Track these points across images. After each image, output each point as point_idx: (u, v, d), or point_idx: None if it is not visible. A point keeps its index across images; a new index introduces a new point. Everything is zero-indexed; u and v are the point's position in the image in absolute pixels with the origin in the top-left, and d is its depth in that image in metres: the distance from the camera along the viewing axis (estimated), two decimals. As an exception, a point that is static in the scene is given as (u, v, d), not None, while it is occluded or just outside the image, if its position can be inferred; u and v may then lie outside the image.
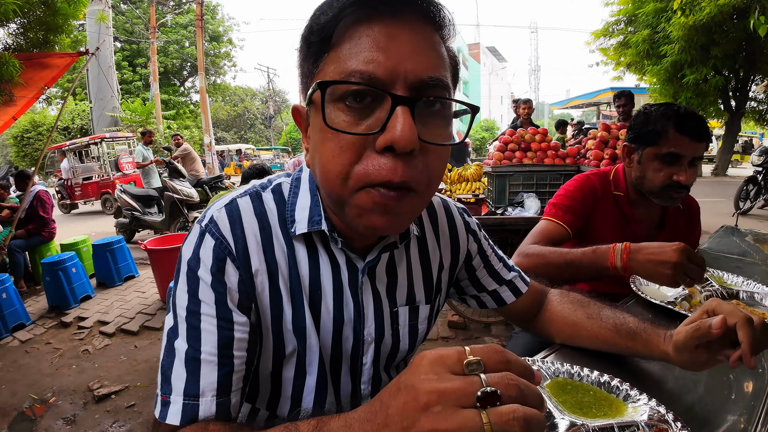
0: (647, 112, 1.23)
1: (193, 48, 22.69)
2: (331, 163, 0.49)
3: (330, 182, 0.51)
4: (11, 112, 3.47)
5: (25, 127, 16.23)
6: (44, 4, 3.41)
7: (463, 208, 0.83)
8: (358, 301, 0.64)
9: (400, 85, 0.46)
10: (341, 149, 0.48)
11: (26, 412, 2.28)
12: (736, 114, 11.92)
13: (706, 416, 0.64)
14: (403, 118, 0.45)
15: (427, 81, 0.47)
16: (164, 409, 0.53)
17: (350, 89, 0.47)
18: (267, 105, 30.39)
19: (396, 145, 0.45)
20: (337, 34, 0.48)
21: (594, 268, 1.07)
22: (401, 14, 0.47)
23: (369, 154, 0.48)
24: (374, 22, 0.47)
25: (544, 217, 1.34)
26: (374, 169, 0.47)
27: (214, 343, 0.54)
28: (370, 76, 0.46)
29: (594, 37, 13.38)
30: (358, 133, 0.47)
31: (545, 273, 1.08)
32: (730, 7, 8.82)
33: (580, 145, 3.36)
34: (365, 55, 0.46)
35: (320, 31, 0.49)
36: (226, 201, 0.61)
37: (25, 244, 4.21)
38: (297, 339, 0.62)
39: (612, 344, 0.75)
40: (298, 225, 0.60)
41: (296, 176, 0.66)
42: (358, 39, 0.47)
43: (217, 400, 0.53)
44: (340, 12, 0.47)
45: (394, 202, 0.48)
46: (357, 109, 0.47)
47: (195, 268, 0.56)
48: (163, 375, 0.54)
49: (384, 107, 0.47)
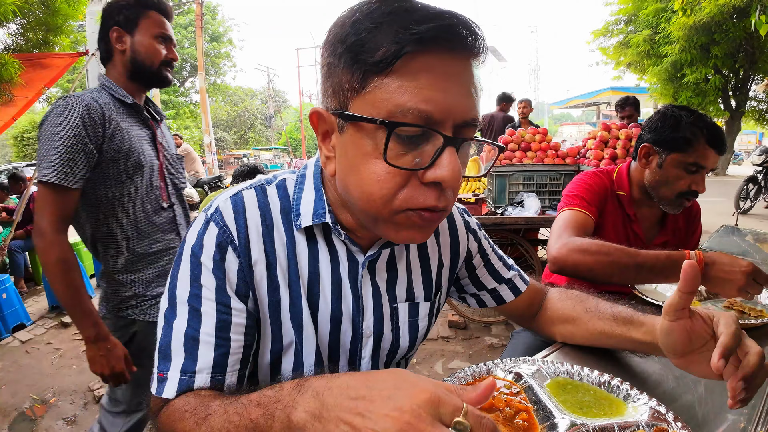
0: (676, 116, 1.21)
1: (193, 48, 22.69)
2: (376, 187, 0.51)
3: (371, 203, 0.53)
4: (11, 112, 3.46)
5: (25, 127, 16.23)
6: (44, 5, 3.41)
7: (462, 208, 0.84)
8: (358, 294, 0.65)
9: (449, 125, 0.49)
10: (389, 176, 0.50)
11: (27, 412, 2.29)
12: (737, 113, 11.92)
13: (706, 416, 0.64)
14: (451, 158, 0.49)
15: (469, 122, 0.51)
16: (161, 385, 0.56)
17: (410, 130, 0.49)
18: (267, 105, 30.41)
19: (445, 183, 0.50)
20: (396, 64, 0.47)
21: (665, 275, 1.03)
22: (455, 49, 0.48)
23: (415, 183, 0.51)
24: (433, 56, 0.47)
25: (568, 207, 1.28)
26: (421, 198, 0.51)
27: (212, 325, 0.57)
28: (428, 116, 0.47)
29: (594, 36, 13.39)
30: (411, 168, 0.50)
31: (607, 273, 1.04)
32: (730, 6, 8.83)
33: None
34: (424, 94, 0.47)
35: (375, 52, 0.47)
36: (232, 192, 0.64)
37: (24, 245, 4.21)
38: (294, 330, 0.63)
39: (610, 334, 0.75)
40: (303, 218, 0.62)
41: (301, 173, 0.67)
42: (416, 74, 0.47)
43: (212, 377, 0.57)
44: (403, 44, 0.46)
45: (435, 220, 0.55)
46: (407, 142, 0.49)
47: (198, 254, 0.58)
48: (162, 353, 0.58)
49: (433, 143, 0.50)
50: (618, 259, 1.04)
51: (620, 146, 3.05)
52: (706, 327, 0.59)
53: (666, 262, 1.01)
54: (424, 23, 0.46)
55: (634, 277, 1.06)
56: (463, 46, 0.48)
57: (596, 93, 16.35)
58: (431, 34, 0.46)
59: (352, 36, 0.49)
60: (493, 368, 0.71)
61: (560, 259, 1.11)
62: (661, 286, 1.13)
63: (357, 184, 0.53)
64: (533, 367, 0.71)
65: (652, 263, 1.02)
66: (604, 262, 1.05)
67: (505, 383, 0.67)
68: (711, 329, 0.59)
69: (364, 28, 0.48)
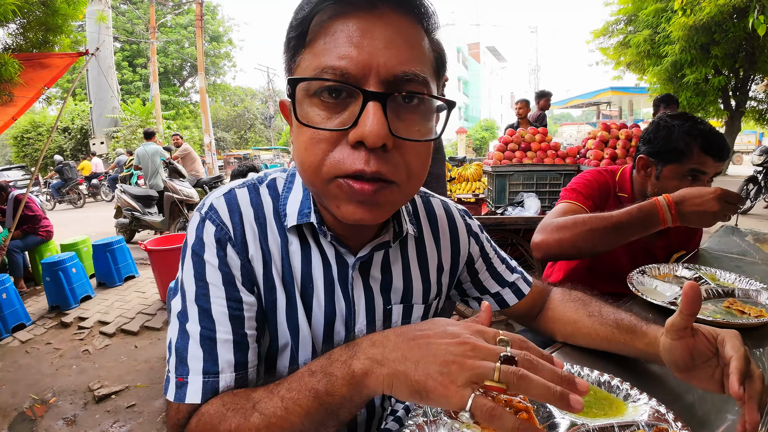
0: (669, 126, 1.20)
1: (193, 48, 22.69)
2: (306, 155, 0.50)
3: (305, 172, 0.52)
4: (11, 112, 3.46)
5: (25, 128, 16.24)
6: (44, 5, 3.41)
7: (464, 210, 0.83)
8: (349, 296, 0.65)
9: (373, 80, 0.47)
10: (315, 141, 0.49)
11: (26, 412, 2.29)
12: (737, 113, 11.92)
13: (706, 416, 0.64)
14: (373, 113, 0.46)
15: (401, 76, 0.48)
16: (181, 390, 0.54)
17: (323, 85, 0.48)
18: (267, 105, 30.38)
19: (365, 140, 0.46)
20: (312, 30, 0.49)
21: (642, 226, 1.05)
22: (378, 8, 0.47)
23: (342, 147, 0.49)
24: (350, 16, 0.47)
25: (564, 199, 1.29)
26: (345, 160, 0.48)
27: (226, 322, 0.56)
28: (343, 72, 0.46)
29: (594, 36, 13.39)
30: (330, 128, 0.48)
31: (589, 241, 1.06)
32: (730, 6, 8.82)
33: None
34: (338, 51, 0.47)
35: (298, 27, 0.49)
36: (224, 190, 0.63)
37: (22, 244, 4.21)
38: (290, 331, 0.62)
39: (612, 340, 0.75)
40: (289, 218, 0.62)
41: (292, 171, 0.67)
42: (332, 35, 0.47)
43: (236, 375, 0.56)
44: (315, 7, 0.48)
45: (371, 193, 0.49)
46: (332, 104, 0.49)
47: (200, 252, 0.58)
48: (179, 357, 0.55)
49: (357, 102, 0.47)
50: (596, 226, 1.06)
51: (620, 146, 3.05)
52: (709, 345, 0.59)
53: (639, 215, 1.04)
54: None
55: (616, 237, 1.07)
56: (386, 2, 0.48)
57: (596, 93, 16.32)
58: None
59: (290, 22, 0.51)
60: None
61: (542, 242, 1.11)
62: (661, 286, 1.13)
63: (296, 158, 0.53)
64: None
65: (627, 219, 1.05)
66: (583, 233, 1.06)
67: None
68: (714, 347, 0.59)
69: (294, 12, 0.51)
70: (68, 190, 11.45)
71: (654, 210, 1.03)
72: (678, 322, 0.58)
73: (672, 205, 1.02)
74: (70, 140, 16.78)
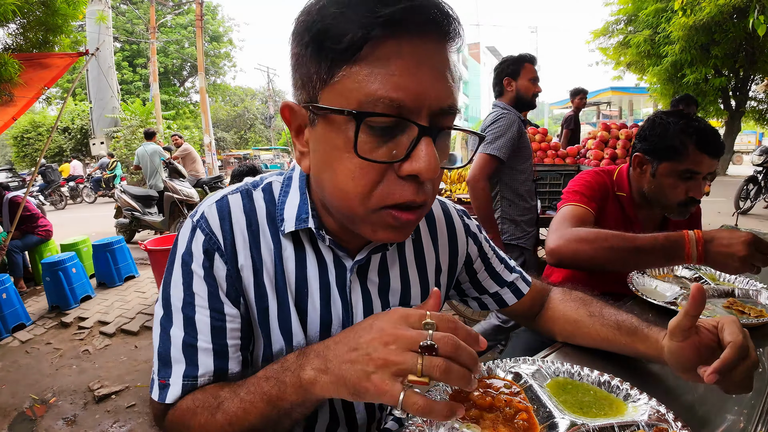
0: (664, 123, 1.19)
1: (193, 48, 22.69)
2: (351, 184, 0.49)
3: (348, 201, 0.51)
4: (11, 112, 3.46)
5: (25, 128, 16.24)
6: (44, 5, 3.41)
7: (463, 210, 0.82)
8: (347, 299, 0.64)
9: (424, 113, 0.47)
10: (363, 171, 0.48)
11: (26, 412, 2.29)
12: (736, 113, 11.92)
13: (706, 416, 0.64)
14: (427, 149, 0.47)
15: (447, 110, 0.48)
16: (163, 391, 0.58)
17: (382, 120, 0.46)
18: (267, 105, 30.38)
19: (422, 176, 0.47)
20: (363, 47, 0.45)
21: (666, 256, 1.01)
22: (426, 33, 0.46)
23: (391, 177, 0.49)
24: (403, 40, 0.45)
25: (569, 202, 1.28)
26: (398, 193, 0.49)
27: (208, 332, 0.58)
28: (399, 104, 0.45)
29: (594, 36, 13.39)
30: (386, 161, 0.48)
31: (607, 259, 1.03)
32: (730, 6, 8.83)
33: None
34: (394, 80, 0.45)
35: (341, 39, 0.45)
36: (217, 197, 0.62)
37: (22, 244, 4.20)
38: (283, 337, 0.62)
39: (613, 342, 0.75)
40: (286, 223, 0.61)
41: (288, 175, 0.66)
42: (386, 59, 0.45)
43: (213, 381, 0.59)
44: (369, 29, 0.44)
45: (414, 221, 0.52)
46: (379, 132, 0.47)
47: (189, 262, 0.59)
48: (162, 360, 0.58)
49: (408, 134, 0.47)
50: (617, 245, 1.02)
51: (620, 146, 3.05)
52: (713, 336, 0.59)
53: (665, 243, 1.00)
54: (391, 5, 0.43)
55: (635, 261, 1.04)
56: (436, 29, 0.47)
57: (596, 93, 16.31)
58: (399, 17, 0.43)
59: (318, 23, 0.47)
60: (493, 368, 0.71)
61: (558, 250, 1.10)
62: (661, 286, 1.13)
63: (331, 181, 0.51)
64: (533, 367, 0.71)
65: (652, 245, 1.00)
66: (603, 249, 1.03)
67: (505, 383, 0.67)
68: (716, 336, 0.59)
69: (329, 14, 0.46)
70: (50, 192, 11.58)
71: (681, 243, 0.99)
72: (683, 323, 0.59)
73: (701, 241, 0.97)
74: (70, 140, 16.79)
